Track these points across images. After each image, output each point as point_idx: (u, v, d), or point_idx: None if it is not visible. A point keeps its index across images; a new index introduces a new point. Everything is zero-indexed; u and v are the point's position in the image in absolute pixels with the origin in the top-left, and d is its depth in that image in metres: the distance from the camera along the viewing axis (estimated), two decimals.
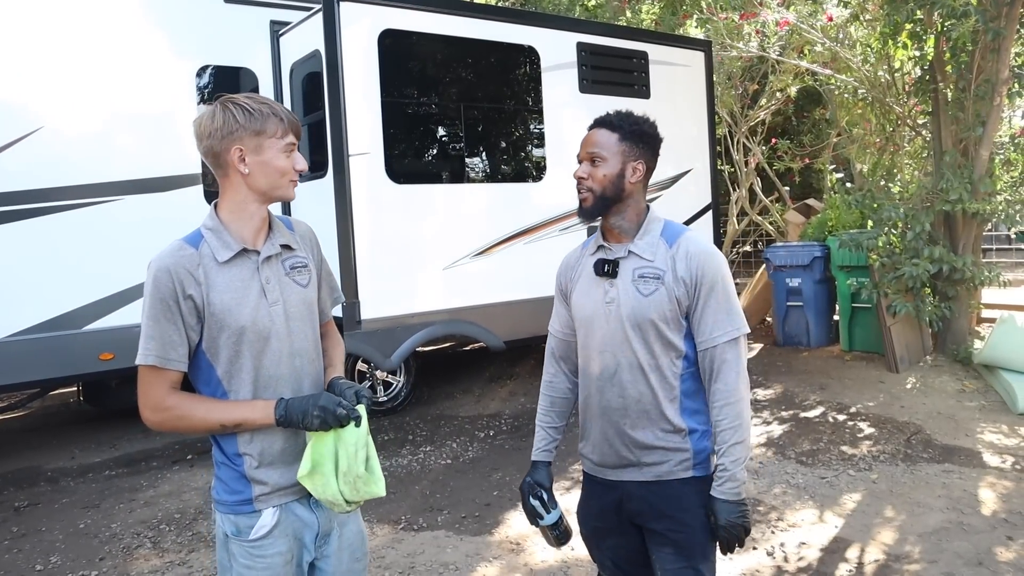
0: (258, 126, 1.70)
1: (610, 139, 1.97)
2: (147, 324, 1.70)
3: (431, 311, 5.57)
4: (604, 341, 1.96)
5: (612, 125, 1.99)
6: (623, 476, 2.00)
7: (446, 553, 3.70)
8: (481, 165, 6.16)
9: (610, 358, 1.96)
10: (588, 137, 2.01)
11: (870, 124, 8.94)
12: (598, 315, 1.97)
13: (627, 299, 1.92)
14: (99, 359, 5.07)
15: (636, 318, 1.91)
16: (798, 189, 11.98)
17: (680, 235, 1.96)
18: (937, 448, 4.88)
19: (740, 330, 1.92)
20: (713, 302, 1.90)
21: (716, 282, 1.91)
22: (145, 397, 1.71)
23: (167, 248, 1.71)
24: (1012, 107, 7.53)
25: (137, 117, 5.25)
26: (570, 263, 2.15)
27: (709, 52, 7.54)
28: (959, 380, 6.26)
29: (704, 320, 1.91)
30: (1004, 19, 6.06)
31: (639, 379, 1.93)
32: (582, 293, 2.03)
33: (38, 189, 4.91)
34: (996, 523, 3.77)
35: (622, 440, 1.97)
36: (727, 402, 1.89)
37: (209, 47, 5.53)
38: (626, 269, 1.95)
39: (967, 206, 6.25)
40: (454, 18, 5.72)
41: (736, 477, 1.87)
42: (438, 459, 5.11)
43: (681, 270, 1.90)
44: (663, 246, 1.94)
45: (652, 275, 1.91)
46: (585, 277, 2.04)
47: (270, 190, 1.75)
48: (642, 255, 1.94)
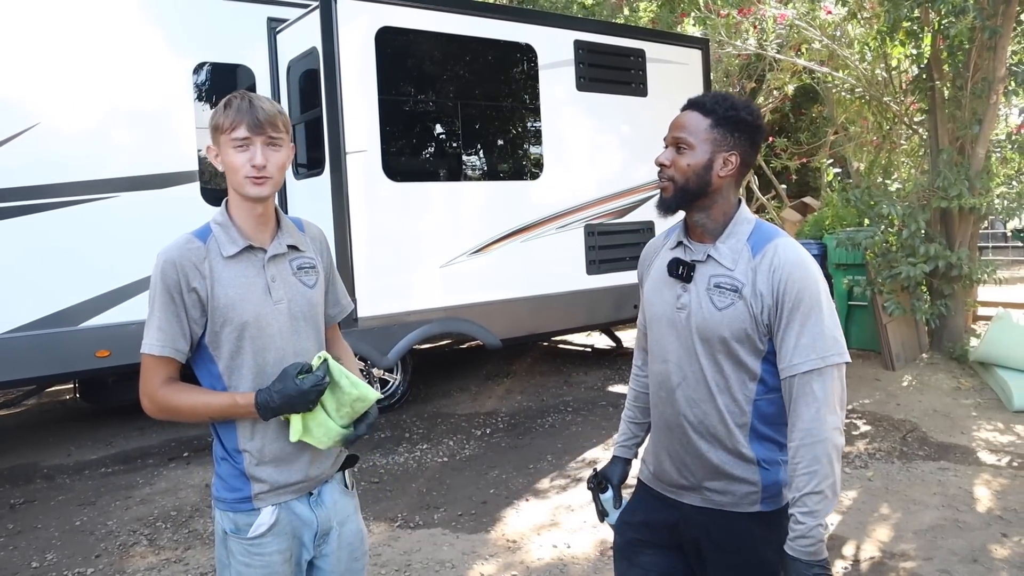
0: (214, 121, 1.70)
1: (701, 124, 1.70)
2: (151, 314, 1.71)
3: (428, 309, 5.58)
4: (670, 349, 1.77)
5: (705, 108, 1.71)
6: (682, 498, 1.80)
7: (442, 551, 3.70)
8: (478, 163, 6.16)
9: (675, 369, 1.76)
10: (677, 119, 1.74)
11: (867, 122, 8.96)
12: (666, 320, 1.78)
13: (699, 309, 1.71)
14: (95, 356, 5.05)
15: (706, 332, 1.69)
16: (795, 187, 12.00)
17: (768, 242, 1.69)
18: (933, 446, 4.90)
19: (827, 359, 1.61)
20: (797, 323, 1.62)
21: (802, 300, 1.62)
22: (143, 385, 1.73)
23: (175, 241, 1.73)
24: (1008, 105, 7.54)
25: (134, 114, 5.24)
26: (649, 252, 1.93)
27: (706, 50, 7.55)
28: (955, 378, 6.28)
29: (785, 343, 1.64)
30: (1001, 17, 6.07)
31: (705, 398, 1.72)
32: (653, 290, 1.84)
33: (35, 186, 4.90)
34: (991, 520, 3.78)
35: (683, 460, 1.78)
36: (803, 443, 1.60)
37: (206, 44, 5.52)
38: (702, 274, 1.72)
39: (964, 201, 6.26)
40: (451, 16, 5.72)
41: (811, 534, 1.57)
42: (435, 457, 5.12)
43: (762, 284, 1.65)
44: (747, 253, 1.69)
45: (729, 286, 1.68)
46: (658, 272, 1.83)
47: (236, 188, 1.73)
48: (722, 261, 1.70)
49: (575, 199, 6.40)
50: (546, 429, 5.62)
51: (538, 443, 5.31)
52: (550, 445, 5.24)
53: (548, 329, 6.54)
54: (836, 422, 1.61)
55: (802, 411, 1.61)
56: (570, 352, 8.44)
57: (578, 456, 5.00)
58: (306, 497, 1.81)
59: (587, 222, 6.45)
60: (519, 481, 4.61)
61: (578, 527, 3.90)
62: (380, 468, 4.91)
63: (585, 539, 3.75)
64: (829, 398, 1.61)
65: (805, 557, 1.58)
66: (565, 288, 6.30)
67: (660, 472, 1.84)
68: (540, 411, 6.08)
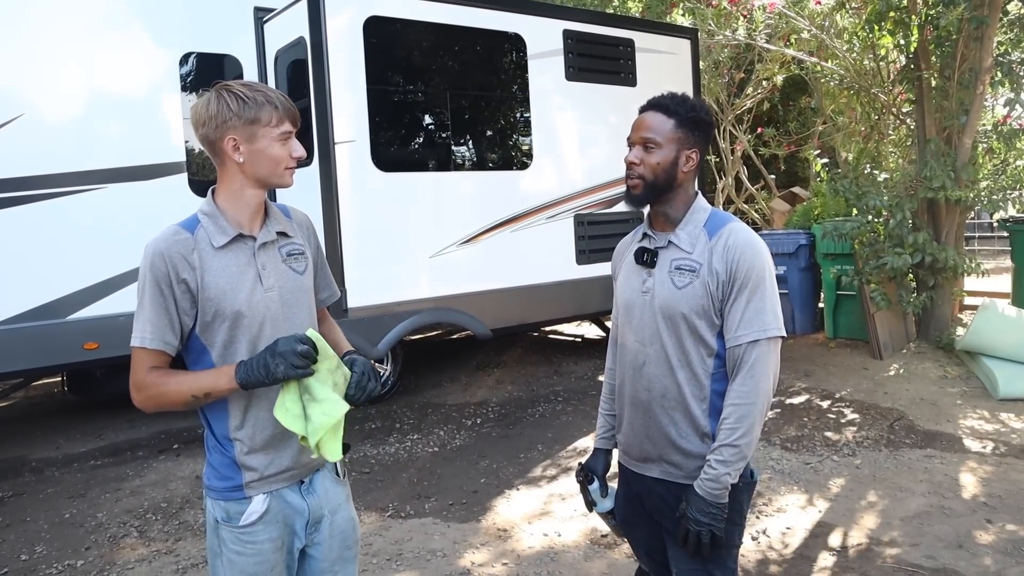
0: (251, 115, 1.69)
1: (665, 124, 1.86)
2: (140, 307, 1.71)
3: (418, 299, 5.57)
4: (637, 331, 1.93)
5: (668, 110, 1.87)
6: (645, 470, 1.97)
7: (433, 540, 3.72)
8: (467, 153, 6.15)
9: (640, 349, 1.92)
10: (641, 120, 1.89)
11: (855, 112, 8.99)
12: (635, 304, 1.94)
13: (661, 290, 1.87)
14: (83, 348, 5.03)
15: (668, 310, 1.85)
16: (784, 177, 12.03)
17: (723, 226, 1.86)
18: (919, 434, 4.94)
19: (767, 331, 1.79)
20: (743, 299, 1.80)
21: (750, 278, 1.80)
22: (133, 377, 1.72)
23: (163, 232, 1.72)
24: (995, 95, 7.58)
25: (120, 104, 5.20)
26: (621, 249, 2.10)
27: (695, 40, 7.54)
28: (941, 366, 6.33)
29: (731, 317, 1.81)
30: (987, 8, 6.10)
31: (666, 373, 1.88)
32: (624, 279, 2.01)
33: (20, 177, 4.85)
34: (976, 507, 3.82)
35: (646, 433, 1.93)
36: (735, 403, 1.80)
37: (192, 34, 5.47)
38: (664, 259, 1.89)
39: (950, 193, 6.30)
40: (440, 5, 5.69)
41: (720, 479, 1.77)
42: (425, 447, 5.13)
43: (717, 263, 1.81)
44: (703, 237, 1.86)
45: (688, 267, 1.85)
46: (628, 263, 2.00)
47: (266, 178, 1.75)
48: (681, 245, 1.87)
49: (565, 189, 6.40)
50: (536, 419, 5.64)
51: (528, 433, 5.32)
52: (540, 435, 5.26)
53: (538, 319, 6.55)
54: (767, 389, 1.81)
55: (740, 375, 1.80)
56: (560, 342, 8.46)
57: (568, 445, 5.02)
58: (297, 485, 1.82)
59: (577, 212, 6.46)
60: (509, 470, 4.63)
61: (568, 516, 3.92)
62: (371, 458, 4.92)
63: (575, 527, 3.77)
64: (765, 368, 1.79)
65: (708, 497, 1.79)
66: (555, 278, 6.31)
67: (627, 447, 2.02)
68: (530, 401, 6.09)
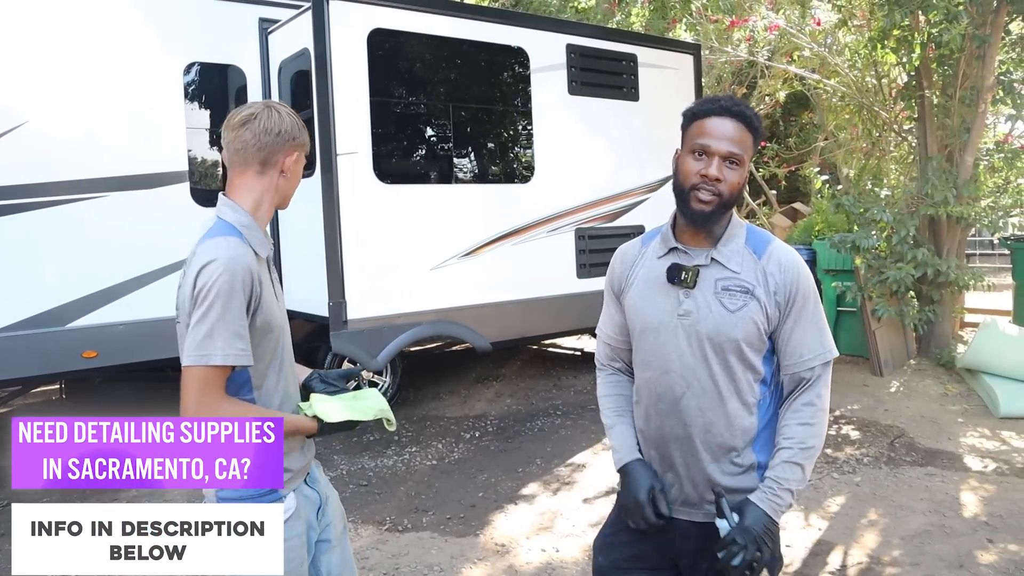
0: (304, 139, 1.82)
1: (747, 139, 1.68)
2: (221, 321, 1.62)
3: (418, 311, 5.56)
4: (672, 358, 1.71)
5: (751, 123, 1.68)
6: (679, 514, 1.75)
7: (431, 554, 3.69)
8: (469, 166, 6.16)
9: (678, 379, 1.71)
10: (723, 129, 1.65)
11: (856, 129, 9.01)
12: (666, 328, 1.72)
13: (709, 314, 1.68)
14: (82, 357, 5.01)
15: (719, 336, 1.67)
16: (785, 193, 12.05)
17: (768, 243, 1.73)
18: (920, 451, 4.92)
19: (832, 351, 1.72)
20: (805, 320, 1.69)
21: (808, 297, 1.70)
22: (200, 398, 1.65)
23: (230, 245, 1.67)
24: (996, 113, 7.61)
25: (124, 113, 5.20)
26: (626, 261, 1.86)
27: (698, 55, 7.57)
28: (942, 384, 6.32)
29: (793, 339, 1.69)
30: (989, 26, 6.13)
31: (713, 406, 1.69)
32: (644, 298, 1.77)
33: (22, 185, 4.85)
34: (977, 526, 3.80)
35: (684, 474, 1.73)
36: (806, 422, 1.68)
37: (197, 44, 5.49)
38: (707, 279, 1.70)
39: (951, 210, 6.30)
40: (444, 18, 5.72)
41: (783, 498, 1.65)
42: (423, 460, 5.10)
43: (774, 284, 1.68)
44: (750, 256, 1.71)
45: (740, 288, 1.68)
46: (648, 280, 1.78)
47: (288, 197, 1.84)
48: (727, 265, 1.70)
49: (566, 203, 6.40)
50: (535, 433, 5.62)
51: (527, 447, 5.30)
52: (539, 449, 5.24)
53: (538, 332, 6.53)
54: (828, 408, 1.73)
55: (807, 396, 1.69)
56: (560, 355, 8.44)
57: (567, 460, 4.99)
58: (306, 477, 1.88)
59: (578, 226, 6.46)
60: (508, 485, 4.60)
61: (567, 531, 3.90)
62: (368, 471, 4.90)
63: (574, 543, 3.75)
64: (827, 387, 1.71)
65: (771, 513, 1.64)
66: (555, 291, 6.30)
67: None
68: (529, 414, 6.07)
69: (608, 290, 1.91)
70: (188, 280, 1.67)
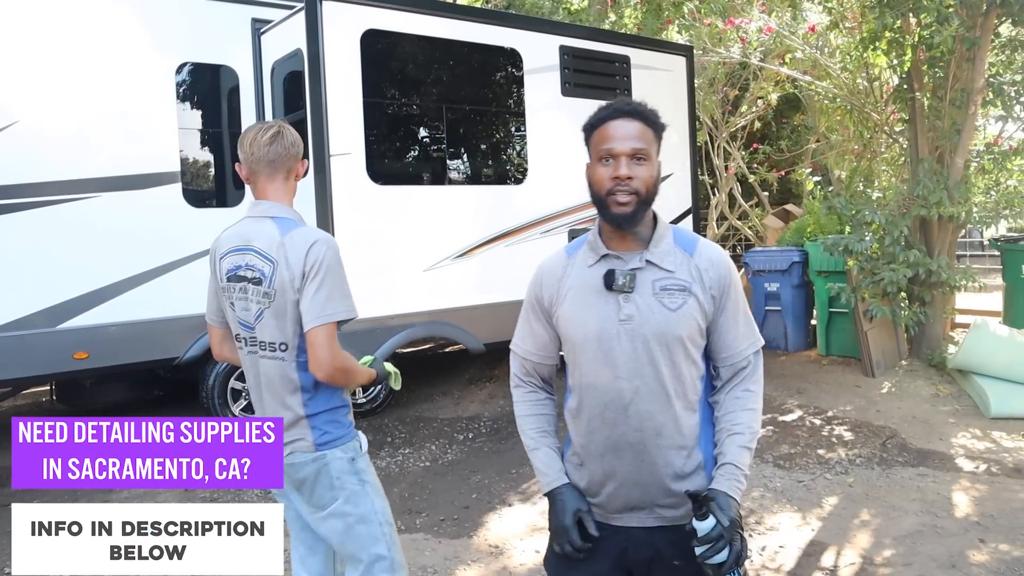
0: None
1: (647, 134, 1.69)
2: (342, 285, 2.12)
3: (411, 313, 5.56)
4: (618, 365, 1.69)
5: (646, 118, 1.71)
6: (630, 521, 1.75)
7: (424, 556, 3.69)
8: (463, 167, 6.15)
9: (626, 385, 1.69)
10: (624, 129, 1.68)
11: (848, 131, 9.05)
12: (609, 335, 1.70)
13: (651, 316, 1.68)
14: (73, 358, 4.98)
15: (664, 336, 1.67)
16: (777, 195, 12.09)
17: (696, 241, 1.78)
18: (912, 452, 4.94)
19: (760, 339, 1.80)
20: (737, 312, 1.75)
21: (738, 290, 1.76)
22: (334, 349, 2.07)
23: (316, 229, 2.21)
24: (986, 115, 7.65)
25: (115, 113, 5.17)
26: (554, 274, 1.82)
27: (691, 57, 7.59)
28: (933, 385, 6.34)
29: (729, 332, 1.74)
30: (979, 29, 6.17)
31: (662, 407, 1.69)
32: (582, 308, 1.74)
33: (12, 185, 4.82)
34: (969, 526, 3.82)
35: (636, 480, 1.72)
36: (750, 407, 1.74)
37: (189, 44, 5.46)
38: (643, 281, 1.70)
39: (943, 210, 6.34)
40: (437, 19, 5.71)
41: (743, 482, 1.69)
42: (417, 461, 5.09)
43: (708, 280, 1.72)
44: (681, 254, 1.73)
45: (677, 287, 1.70)
46: (583, 290, 1.75)
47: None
48: (662, 265, 1.71)
49: (559, 204, 6.40)
50: None
51: (520, 448, 5.26)
52: None
53: None
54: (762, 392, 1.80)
55: (747, 383, 1.76)
56: None
57: None
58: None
59: (571, 227, 6.46)
60: (501, 486, 4.60)
61: None
62: None
63: None
64: (762, 373, 1.80)
65: (737, 496, 1.67)
66: None
67: (608, 499, 1.76)
68: None
69: (532, 306, 1.86)
70: (296, 262, 2.05)
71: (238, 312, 2.16)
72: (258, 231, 2.13)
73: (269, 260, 2.08)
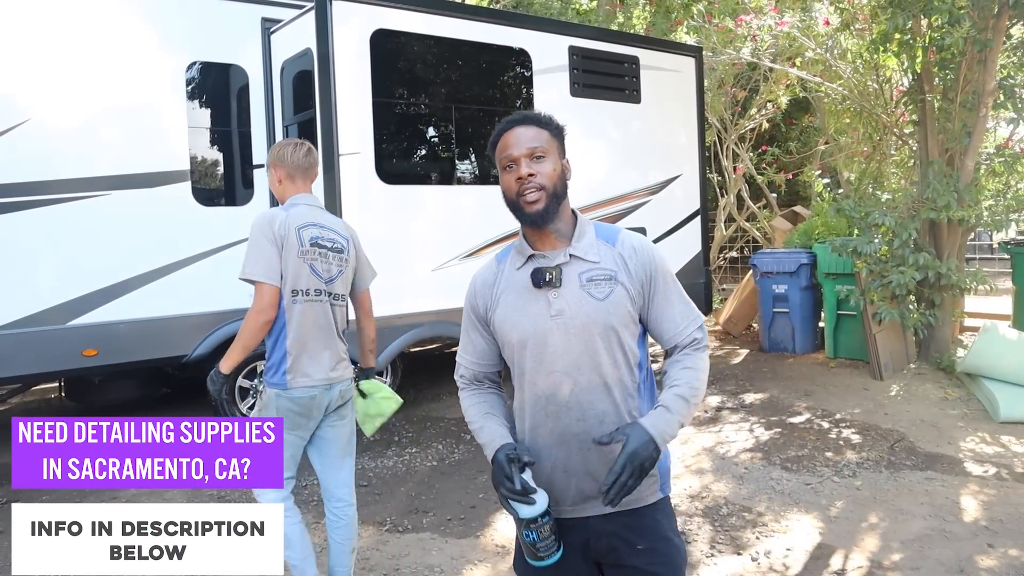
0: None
1: (541, 135, 1.77)
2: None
3: (419, 312, 5.56)
4: (555, 360, 1.74)
5: (538, 122, 1.79)
6: (585, 512, 1.78)
7: (431, 555, 3.69)
8: (471, 167, 6.15)
9: (564, 378, 1.74)
10: (514, 135, 1.76)
11: (857, 133, 9.02)
12: (543, 331, 1.74)
13: (581, 308, 1.73)
14: (82, 355, 5.01)
15: (594, 326, 1.72)
16: (786, 196, 12.06)
17: (618, 232, 1.83)
18: (920, 455, 4.92)
19: (701, 316, 1.85)
20: (670, 295, 1.80)
21: (667, 274, 1.81)
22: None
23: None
24: (997, 118, 7.61)
25: (125, 112, 5.20)
26: (487, 281, 1.88)
27: (700, 58, 7.58)
28: (942, 388, 6.32)
29: (665, 316, 1.79)
30: (991, 31, 6.13)
31: (601, 396, 1.74)
32: (515, 309, 1.79)
33: (23, 183, 4.85)
34: (977, 530, 3.80)
35: (585, 469, 1.75)
36: (687, 367, 1.77)
37: (199, 43, 5.48)
38: (570, 275, 1.75)
39: (953, 213, 6.31)
40: (447, 19, 5.72)
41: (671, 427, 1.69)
42: (424, 461, 5.10)
43: (633, 267, 1.76)
44: (604, 246, 1.79)
45: (603, 276, 1.75)
46: (514, 292, 1.80)
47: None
48: (586, 257, 1.76)
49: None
50: None
51: None
52: None
53: None
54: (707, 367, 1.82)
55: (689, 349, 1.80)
56: None
57: None
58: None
59: None
60: None
61: None
62: (369, 472, 4.89)
63: None
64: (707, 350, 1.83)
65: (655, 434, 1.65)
66: None
67: (561, 493, 1.78)
68: None
69: (469, 316, 1.92)
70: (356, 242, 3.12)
71: (319, 270, 2.86)
72: (324, 215, 2.97)
73: (345, 238, 2.99)
